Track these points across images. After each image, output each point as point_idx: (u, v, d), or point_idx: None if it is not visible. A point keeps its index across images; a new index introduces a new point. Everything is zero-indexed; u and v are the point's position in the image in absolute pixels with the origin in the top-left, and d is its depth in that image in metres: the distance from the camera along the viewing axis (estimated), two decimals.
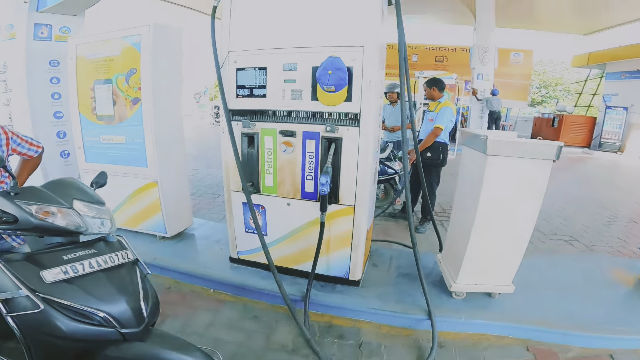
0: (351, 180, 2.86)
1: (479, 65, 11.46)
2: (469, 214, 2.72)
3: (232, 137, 2.89)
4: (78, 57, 3.85)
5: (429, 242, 4.42)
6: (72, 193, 1.85)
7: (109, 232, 1.92)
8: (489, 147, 2.45)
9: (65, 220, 1.72)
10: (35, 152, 2.46)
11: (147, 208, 3.92)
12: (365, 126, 2.73)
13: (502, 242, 2.71)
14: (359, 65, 2.65)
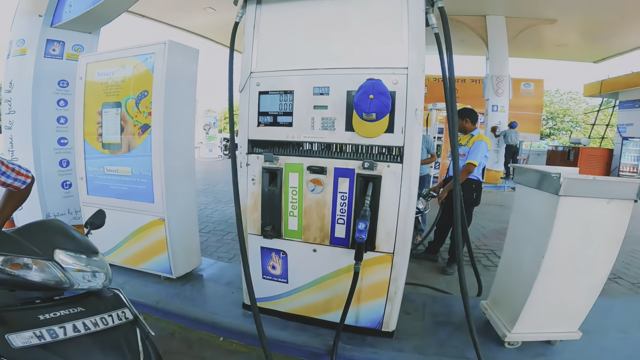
0: (390, 225, 2.40)
1: (493, 96, 10.91)
2: (531, 260, 2.40)
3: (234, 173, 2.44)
4: (87, 76, 3.54)
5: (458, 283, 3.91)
6: (54, 240, 1.54)
7: (101, 287, 1.60)
8: (564, 186, 2.12)
9: (42, 275, 1.43)
10: (23, 182, 2.03)
11: (152, 247, 3.48)
12: (409, 162, 2.28)
13: (572, 289, 2.41)
14: (403, 90, 2.25)
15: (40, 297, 1.47)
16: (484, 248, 4.97)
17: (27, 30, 4.07)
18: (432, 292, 3.74)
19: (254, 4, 2.60)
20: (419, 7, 2.27)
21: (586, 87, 15.42)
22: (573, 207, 2.17)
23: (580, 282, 2.38)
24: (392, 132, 2.26)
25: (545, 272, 2.32)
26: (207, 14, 9.88)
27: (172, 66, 3.17)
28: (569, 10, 9.29)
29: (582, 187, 2.16)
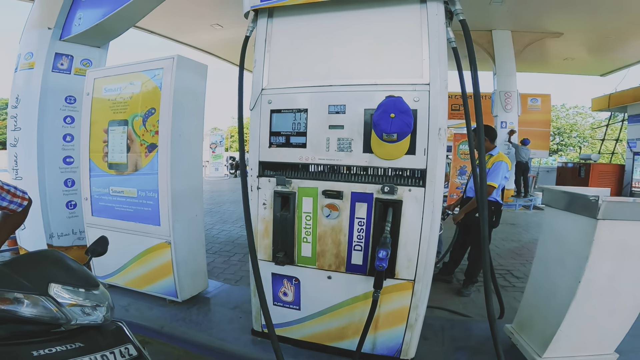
0: (412, 251, 2.21)
1: (501, 112, 10.55)
2: (565, 283, 2.28)
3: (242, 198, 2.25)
4: (95, 92, 3.42)
5: (475, 305, 3.77)
6: (49, 272, 1.42)
7: (102, 322, 1.47)
8: (603, 209, 1.99)
9: (35, 310, 1.31)
10: (19, 205, 1.87)
11: (157, 270, 3.30)
12: (432, 186, 2.09)
13: (610, 313, 2.27)
14: (425, 108, 2.09)
15: (34, 331, 1.34)
16: (500, 268, 4.73)
17: (36, 43, 3.96)
18: (449, 314, 3.53)
19: (265, 17, 2.48)
20: (439, 20, 2.14)
21: (594, 101, 15.00)
22: (612, 231, 2.03)
23: (619, 305, 2.26)
24: (413, 154, 2.09)
25: (582, 296, 2.19)
26: (214, 30, 9.84)
27: (180, 82, 3.04)
28: (574, 23, 9.13)
29: (622, 210, 2.03)
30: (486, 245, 2.12)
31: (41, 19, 4.02)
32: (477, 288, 4.06)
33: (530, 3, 8.16)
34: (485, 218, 2.06)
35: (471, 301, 3.88)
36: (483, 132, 2.09)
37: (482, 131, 2.04)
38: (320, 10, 2.37)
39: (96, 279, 1.55)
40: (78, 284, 1.44)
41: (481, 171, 2.10)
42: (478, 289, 4.09)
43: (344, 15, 2.33)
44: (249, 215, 2.27)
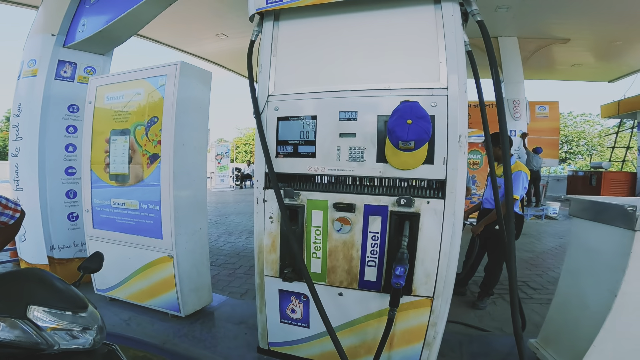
0: (430, 267, 2.02)
1: (510, 121, 10.07)
2: (598, 298, 2.16)
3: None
4: (97, 100, 3.30)
5: (491, 318, 3.57)
6: (29, 293, 1.28)
7: (91, 346, 1.31)
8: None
9: (12, 334, 1.18)
10: (11, 217, 1.76)
11: (159, 283, 3.14)
12: (452, 198, 1.91)
13: None
14: (443, 114, 1.92)
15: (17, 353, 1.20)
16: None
17: (40, 49, 3.84)
18: (465, 329, 3.33)
19: (271, 21, 2.33)
20: (455, 21, 1.99)
21: (603, 108, 14.62)
22: None
23: None
24: (431, 163, 1.91)
25: (618, 311, 2.06)
26: (219, 40, 9.77)
27: (183, 89, 2.90)
28: (581, 29, 8.96)
29: None
30: (513, 259, 1.93)
31: (45, 25, 3.91)
32: (492, 300, 3.85)
33: (536, 9, 8.00)
34: (511, 231, 1.88)
35: (487, 314, 3.67)
36: (507, 142, 1.92)
37: (507, 140, 1.86)
38: (328, 13, 2.23)
39: (85, 299, 1.38)
40: (62, 306, 1.28)
41: (507, 182, 1.92)
42: (494, 301, 3.89)
43: (353, 17, 2.18)
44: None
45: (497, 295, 3.98)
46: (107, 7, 3.62)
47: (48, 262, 3.80)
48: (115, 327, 3.11)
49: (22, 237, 3.87)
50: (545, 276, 4.64)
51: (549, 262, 5.23)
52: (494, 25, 9.34)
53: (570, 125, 30.74)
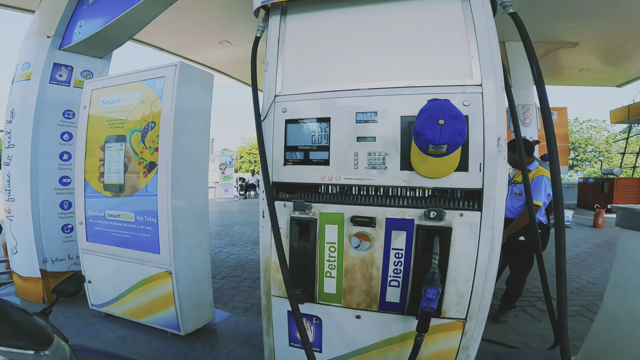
0: (463, 287, 1.75)
1: (520, 127, 10.09)
2: None
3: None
4: (92, 105, 3.07)
5: (515, 332, 3.31)
6: None
7: None
8: None
9: None
10: None
11: (157, 300, 2.88)
12: (490, 210, 1.64)
13: None
14: (478, 114, 1.66)
15: None
16: (536, 290, 4.24)
17: (34, 52, 3.62)
18: (486, 345, 3.02)
19: (277, 15, 2.08)
20: (485, 13, 1.76)
21: (612, 114, 14.33)
22: None
23: None
24: (465, 170, 1.63)
25: None
26: (223, 47, 9.59)
27: (183, 92, 2.67)
28: (590, 32, 8.73)
29: None
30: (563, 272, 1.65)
31: (41, 28, 3.70)
32: (514, 314, 3.62)
33: (543, 13, 7.77)
34: (561, 246, 1.60)
35: (510, 328, 3.41)
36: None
37: (554, 146, 1.58)
38: (341, 5, 1.98)
39: (49, 332, 1.15)
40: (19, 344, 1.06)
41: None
42: (515, 314, 3.65)
43: (368, 9, 1.93)
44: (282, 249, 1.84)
45: (519, 308, 3.74)
46: (105, 7, 3.42)
47: (40, 276, 3.55)
48: (110, 344, 2.89)
49: (13, 249, 3.63)
50: (567, 287, 4.37)
51: (569, 272, 4.92)
52: (501, 30, 8.88)
53: (577, 132, 30.37)
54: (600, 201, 12.29)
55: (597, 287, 4.43)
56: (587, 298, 4.06)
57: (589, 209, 11.98)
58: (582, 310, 3.70)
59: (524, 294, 4.26)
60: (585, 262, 5.60)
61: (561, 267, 1.62)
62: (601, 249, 6.73)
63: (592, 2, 7.28)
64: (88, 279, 3.16)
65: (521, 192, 3.33)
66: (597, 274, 5.01)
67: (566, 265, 1.66)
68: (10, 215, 3.61)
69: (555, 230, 1.61)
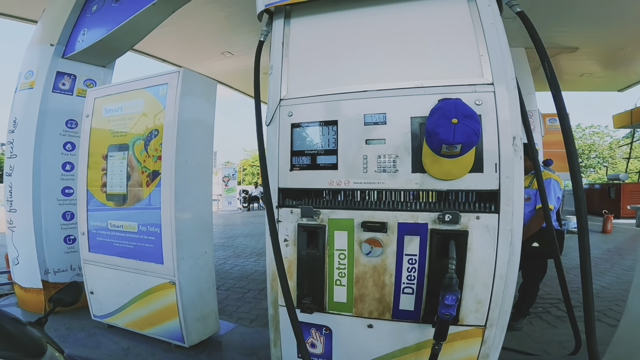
0: (482, 293, 1.66)
1: (524, 134, 9.94)
2: None
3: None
4: (95, 114, 3.03)
5: (531, 339, 3.20)
6: None
7: None
8: None
9: None
10: None
11: (161, 311, 2.80)
12: (508, 211, 1.56)
13: None
14: (491, 112, 1.60)
15: None
16: (549, 297, 4.14)
17: (37, 60, 3.59)
18: (503, 353, 2.91)
19: (281, 18, 2.04)
20: (493, 11, 1.72)
21: (615, 119, 14.13)
22: None
23: None
24: (480, 172, 1.56)
25: None
26: (225, 58, 9.59)
27: (186, 99, 2.61)
28: (589, 36, 8.68)
29: None
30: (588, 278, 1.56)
31: (44, 35, 3.68)
32: (528, 320, 3.52)
33: (542, 18, 7.74)
34: (586, 248, 1.52)
35: (526, 335, 3.30)
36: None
37: (573, 147, 1.51)
38: (346, 7, 1.94)
39: (43, 342, 1.08)
40: (10, 355, 1.00)
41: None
42: (530, 321, 3.54)
43: (374, 11, 1.89)
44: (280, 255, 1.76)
45: (534, 315, 3.64)
46: (108, 16, 3.42)
47: (42, 286, 3.48)
48: (112, 356, 2.82)
49: (15, 260, 3.57)
50: (581, 293, 4.27)
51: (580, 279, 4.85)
52: None
53: (580, 138, 30.17)
54: (608, 207, 12.12)
55: (611, 292, 4.31)
56: (603, 303, 3.95)
57: (597, 214, 11.84)
58: (599, 316, 3.59)
59: (537, 301, 4.16)
60: (597, 268, 5.49)
61: (587, 269, 1.54)
62: (612, 254, 6.61)
63: (590, 7, 7.25)
64: (90, 290, 3.08)
65: (529, 197, 3.24)
66: (611, 279, 4.90)
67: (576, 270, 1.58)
68: (12, 226, 3.55)
69: (579, 232, 1.53)
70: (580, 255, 1.55)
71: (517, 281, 3.49)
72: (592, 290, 1.61)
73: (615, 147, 25.56)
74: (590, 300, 1.58)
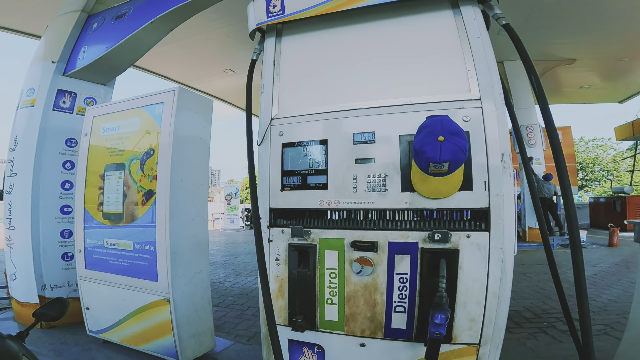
0: (474, 310, 1.62)
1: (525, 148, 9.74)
2: None
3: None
4: (93, 133, 3.05)
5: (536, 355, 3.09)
6: None
7: None
8: None
9: None
10: None
11: (155, 328, 2.76)
12: (499, 229, 1.54)
13: None
14: (479, 129, 1.59)
15: None
16: (554, 312, 4.04)
17: (39, 77, 3.62)
18: None
19: (273, 36, 2.06)
20: (479, 25, 1.73)
21: (617, 131, 13.89)
22: None
23: None
24: (470, 190, 1.54)
25: None
26: (226, 75, 9.67)
27: (181, 118, 2.62)
28: (586, 47, 8.68)
29: None
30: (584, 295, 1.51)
31: (46, 53, 3.72)
32: (533, 335, 3.44)
33: (538, 30, 7.77)
34: (580, 266, 1.48)
35: (530, 351, 3.22)
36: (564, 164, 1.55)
37: (563, 162, 1.48)
38: (335, 24, 1.96)
39: (20, 356, 1.07)
40: None
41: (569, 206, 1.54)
42: (534, 336, 3.45)
43: (362, 28, 1.91)
44: (266, 276, 1.73)
45: (538, 330, 3.55)
46: (108, 33, 3.47)
47: (39, 301, 3.46)
48: None
49: (12, 275, 3.56)
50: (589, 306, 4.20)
51: (588, 292, 4.74)
52: (498, 50, 9.01)
53: (583, 152, 29.80)
54: (614, 220, 11.87)
55: (619, 305, 4.22)
56: (611, 316, 3.86)
57: (603, 228, 11.70)
58: (606, 329, 3.51)
59: (542, 315, 4.11)
60: (604, 281, 5.39)
61: (581, 286, 1.49)
62: (620, 268, 6.50)
63: (585, 18, 7.27)
64: (86, 306, 3.06)
65: None
66: (618, 292, 4.80)
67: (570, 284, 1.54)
68: (11, 242, 3.55)
69: (571, 247, 1.49)
70: (574, 272, 1.50)
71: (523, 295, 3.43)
72: (589, 306, 1.56)
73: (619, 160, 25.30)
74: (587, 316, 1.53)
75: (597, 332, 3.42)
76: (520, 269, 6.25)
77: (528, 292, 4.83)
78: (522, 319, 3.86)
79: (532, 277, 5.68)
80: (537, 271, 6.14)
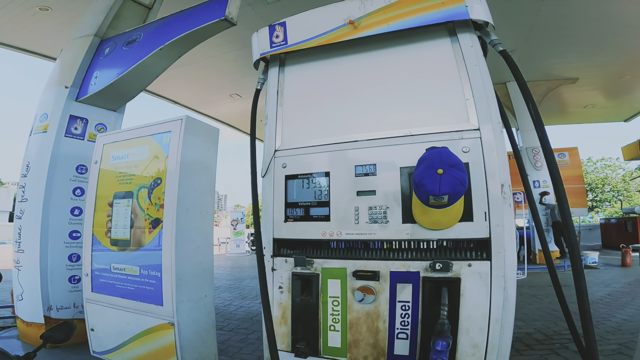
0: (478, 337, 1.60)
1: (532, 171, 9.40)
2: None
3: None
4: (103, 160, 3.11)
5: None
6: None
7: None
8: None
9: None
10: None
11: (159, 351, 2.76)
12: (500, 258, 1.54)
13: None
14: (478, 160, 1.61)
15: None
16: (565, 332, 3.96)
17: (52, 103, 3.71)
18: None
19: (276, 66, 2.12)
20: (476, 53, 1.75)
21: (624, 150, 13.58)
22: None
23: None
24: (470, 220, 1.55)
25: None
26: (233, 100, 9.81)
27: (188, 147, 2.69)
28: (587, 66, 8.68)
29: None
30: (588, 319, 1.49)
31: (60, 78, 3.83)
32: (544, 357, 3.38)
33: (540, 50, 7.82)
34: (582, 289, 1.47)
35: None
36: (562, 187, 1.56)
37: (561, 186, 1.50)
38: (336, 54, 2.02)
39: None
40: None
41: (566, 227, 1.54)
42: (546, 358, 3.39)
43: (363, 57, 1.96)
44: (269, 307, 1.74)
45: (550, 351, 3.50)
46: (119, 59, 3.57)
47: (44, 322, 3.49)
48: None
49: (19, 296, 3.61)
50: (602, 326, 4.12)
51: (602, 312, 4.68)
52: (500, 71, 9.07)
53: (592, 172, 29.31)
54: (625, 240, 11.75)
55: (634, 325, 4.13)
56: (625, 336, 3.77)
57: (615, 249, 11.50)
58: (621, 349, 3.43)
59: (554, 337, 4.03)
60: (618, 301, 5.29)
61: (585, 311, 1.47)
62: (634, 287, 6.39)
63: (585, 36, 7.30)
64: (91, 327, 3.07)
65: None
66: (632, 311, 4.71)
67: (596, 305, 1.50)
68: (19, 265, 3.60)
69: (574, 274, 1.49)
70: (577, 297, 1.49)
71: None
72: (594, 331, 1.54)
73: (628, 180, 24.95)
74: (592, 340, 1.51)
75: (611, 352, 3.35)
76: (531, 291, 6.19)
77: (539, 314, 4.75)
78: (533, 340, 3.79)
79: (543, 299, 5.58)
80: (547, 293, 6.03)
